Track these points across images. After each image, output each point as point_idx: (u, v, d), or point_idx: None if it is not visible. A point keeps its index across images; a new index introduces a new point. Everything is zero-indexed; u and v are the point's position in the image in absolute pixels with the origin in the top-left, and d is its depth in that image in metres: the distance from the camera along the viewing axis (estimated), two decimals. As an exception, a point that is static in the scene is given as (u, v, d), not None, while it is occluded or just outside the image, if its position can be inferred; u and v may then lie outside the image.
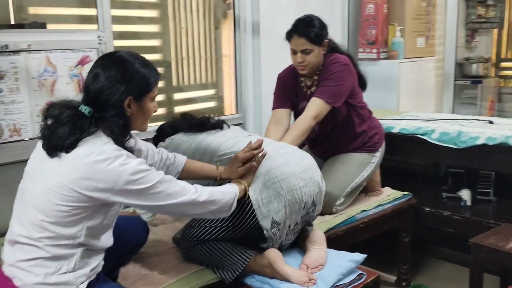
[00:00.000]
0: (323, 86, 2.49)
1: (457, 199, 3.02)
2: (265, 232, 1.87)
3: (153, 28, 2.96)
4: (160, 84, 3.10)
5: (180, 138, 2.16)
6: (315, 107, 2.46)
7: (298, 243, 2.13)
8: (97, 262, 1.59)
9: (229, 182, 1.88)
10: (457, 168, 3.11)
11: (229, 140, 2.08)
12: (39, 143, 1.55)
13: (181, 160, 1.97)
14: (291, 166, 1.97)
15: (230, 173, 1.91)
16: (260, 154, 1.91)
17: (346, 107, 2.58)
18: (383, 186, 2.98)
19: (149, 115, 1.64)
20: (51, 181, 1.46)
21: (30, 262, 1.48)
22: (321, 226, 2.44)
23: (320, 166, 2.72)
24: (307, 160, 2.08)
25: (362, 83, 2.72)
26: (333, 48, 2.60)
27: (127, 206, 1.62)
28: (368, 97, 3.94)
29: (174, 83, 3.09)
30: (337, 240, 2.44)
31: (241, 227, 1.92)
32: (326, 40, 2.50)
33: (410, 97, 3.94)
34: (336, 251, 2.09)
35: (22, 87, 2.32)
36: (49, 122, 1.53)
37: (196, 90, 3.23)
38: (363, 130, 2.68)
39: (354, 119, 2.62)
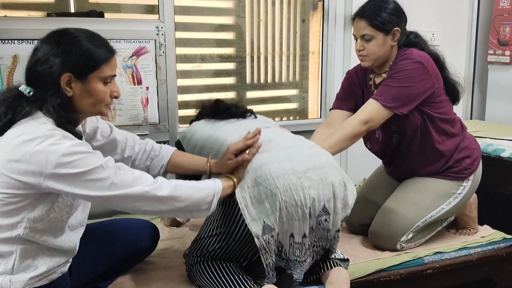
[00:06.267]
0: (384, 86, 2.02)
1: None
2: (256, 240, 1.54)
3: (226, 20, 2.74)
4: (231, 80, 2.92)
5: (200, 124, 1.96)
6: (368, 110, 2.00)
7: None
8: (45, 267, 1.41)
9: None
10: None
11: (241, 130, 1.77)
12: None
13: (167, 152, 1.76)
14: (294, 162, 1.62)
15: (220, 166, 1.65)
16: (254, 145, 1.61)
17: (421, 117, 2.05)
18: (481, 224, 2.36)
19: (100, 98, 1.42)
20: None
21: None
22: (370, 264, 2.00)
23: (393, 190, 2.27)
24: (321, 157, 1.69)
25: (452, 94, 2.14)
26: (413, 42, 2.10)
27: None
28: (494, 109, 3.27)
29: (248, 80, 2.84)
30: (388, 285, 1.96)
31: (233, 234, 1.65)
32: (396, 29, 2.01)
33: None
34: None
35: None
36: None
37: (274, 89, 2.93)
38: (447, 149, 2.11)
39: (433, 134, 2.08)
